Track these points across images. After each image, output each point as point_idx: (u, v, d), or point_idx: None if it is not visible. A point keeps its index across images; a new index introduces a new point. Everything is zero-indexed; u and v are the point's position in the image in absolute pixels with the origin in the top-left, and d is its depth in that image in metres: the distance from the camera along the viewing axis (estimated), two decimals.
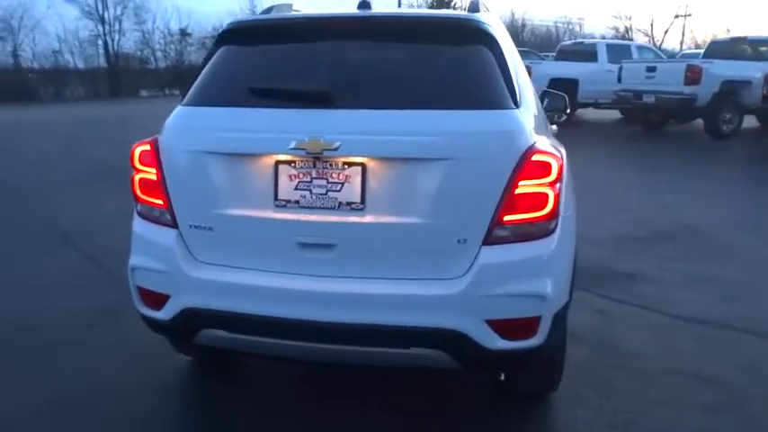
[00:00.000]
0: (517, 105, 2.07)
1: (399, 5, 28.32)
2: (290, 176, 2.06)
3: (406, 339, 1.96)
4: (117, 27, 40.06)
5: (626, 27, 49.49)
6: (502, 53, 2.19)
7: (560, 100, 3.58)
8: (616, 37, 42.91)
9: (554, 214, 1.99)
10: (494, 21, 2.40)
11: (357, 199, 2.02)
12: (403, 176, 2.00)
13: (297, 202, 2.06)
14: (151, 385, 2.82)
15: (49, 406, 2.64)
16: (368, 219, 2.02)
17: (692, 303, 3.71)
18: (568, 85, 13.28)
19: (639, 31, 50.36)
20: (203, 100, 2.27)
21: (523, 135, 2.00)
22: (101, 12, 39.41)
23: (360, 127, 2.02)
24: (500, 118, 2.02)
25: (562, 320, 2.16)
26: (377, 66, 2.26)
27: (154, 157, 2.22)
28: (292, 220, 2.06)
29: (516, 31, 47.21)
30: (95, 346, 3.18)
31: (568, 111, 3.68)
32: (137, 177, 2.27)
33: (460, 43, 2.22)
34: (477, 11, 2.37)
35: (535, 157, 1.96)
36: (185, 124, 2.24)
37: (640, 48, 16.93)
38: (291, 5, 2.73)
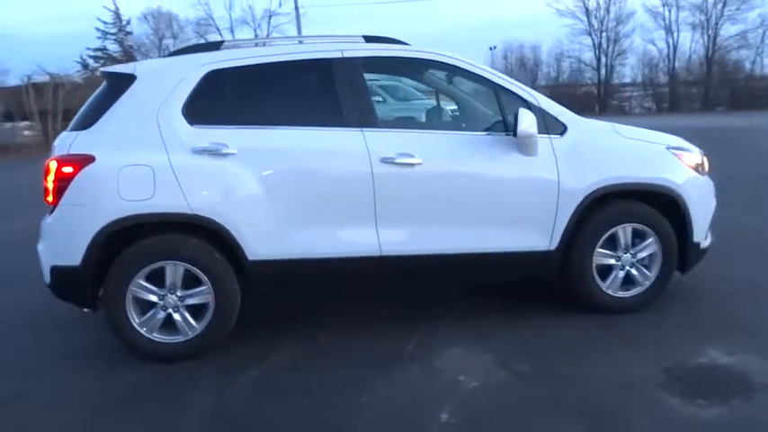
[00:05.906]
0: (83, 128, 3.46)
1: None
2: None
3: None
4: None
5: None
6: (119, 93, 3.49)
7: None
8: None
9: (54, 202, 3.37)
10: (146, 68, 3.75)
11: None
12: None
13: None
14: None
15: None
16: None
17: None
18: None
19: None
20: None
21: (57, 148, 3.44)
22: None
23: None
24: (63, 137, 3.53)
25: (64, 273, 3.39)
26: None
27: None
28: None
29: None
30: None
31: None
32: None
33: (106, 85, 3.68)
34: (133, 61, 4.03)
35: (50, 164, 3.37)
36: None
37: None
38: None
